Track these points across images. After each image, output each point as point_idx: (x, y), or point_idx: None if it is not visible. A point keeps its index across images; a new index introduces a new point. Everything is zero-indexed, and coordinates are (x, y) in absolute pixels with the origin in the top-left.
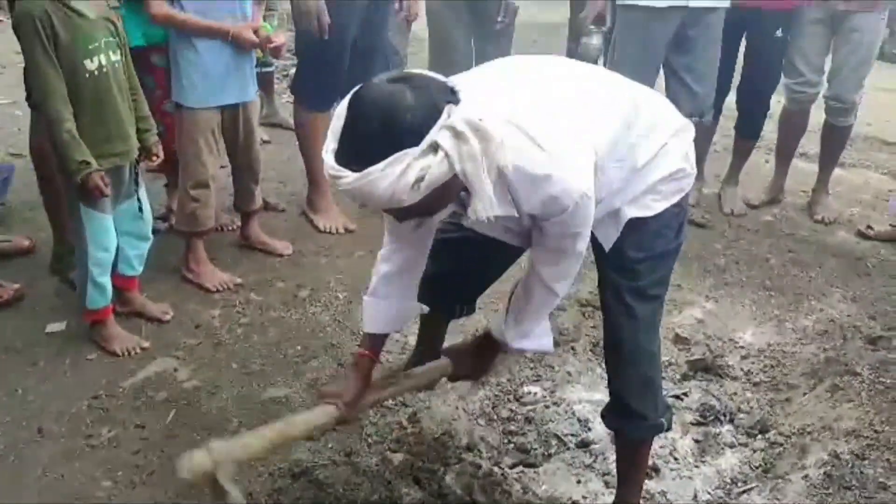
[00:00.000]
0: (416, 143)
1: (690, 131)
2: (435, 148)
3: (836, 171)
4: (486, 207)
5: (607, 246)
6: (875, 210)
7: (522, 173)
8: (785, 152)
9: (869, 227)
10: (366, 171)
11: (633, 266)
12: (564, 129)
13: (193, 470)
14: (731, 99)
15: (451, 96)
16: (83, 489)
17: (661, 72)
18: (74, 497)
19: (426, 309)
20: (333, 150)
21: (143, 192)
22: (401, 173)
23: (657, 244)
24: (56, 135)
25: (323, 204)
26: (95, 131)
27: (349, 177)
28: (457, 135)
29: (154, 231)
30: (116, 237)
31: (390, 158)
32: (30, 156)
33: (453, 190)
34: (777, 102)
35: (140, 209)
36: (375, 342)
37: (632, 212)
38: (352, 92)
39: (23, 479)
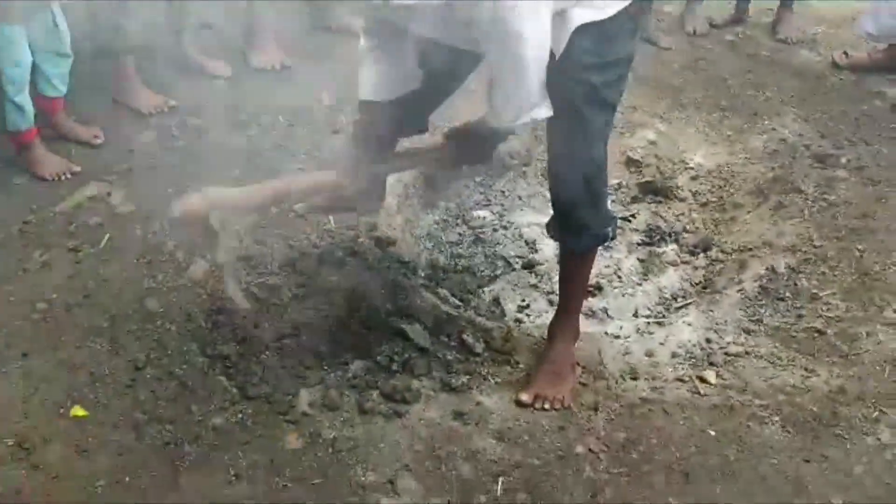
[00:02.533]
0: None
1: None
2: None
3: None
4: None
5: (557, 51)
6: (840, 28)
7: None
8: None
9: (844, 53)
10: None
11: (584, 74)
12: None
13: (186, 209)
14: None
15: None
16: (18, 311)
17: None
18: (9, 318)
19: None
20: None
21: (56, 5)
22: None
23: (610, 50)
24: None
25: (259, 38)
26: None
27: None
28: None
29: None
30: (31, 54)
31: None
32: None
33: None
34: None
35: (55, 23)
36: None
37: (582, 15)
38: None
39: None
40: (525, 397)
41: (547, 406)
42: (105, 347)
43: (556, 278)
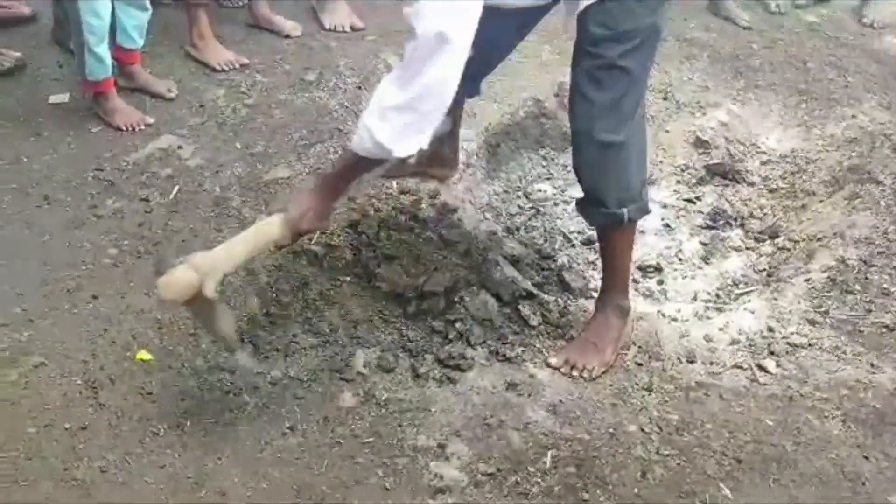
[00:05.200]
0: None
1: None
2: None
3: None
4: None
5: (570, 14)
6: None
7: None
8: None
9: None
10: None
11: (594, 45)
12: None
13: (179, 288)
14: None
15: None
16: (89, 255)
17: None
18: (80, 262)
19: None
20: None
21: None
22: None
23: (624, 21)
24: None
25: (331, 1)
26: None
27: None
28: None
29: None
30: (112, 5)
31: None
32: None
33: None
34: None
35: None
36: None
37: None
38: None
39: (29, 243)
40: (554, 360)
41: (574, 373)
42: None
43: None
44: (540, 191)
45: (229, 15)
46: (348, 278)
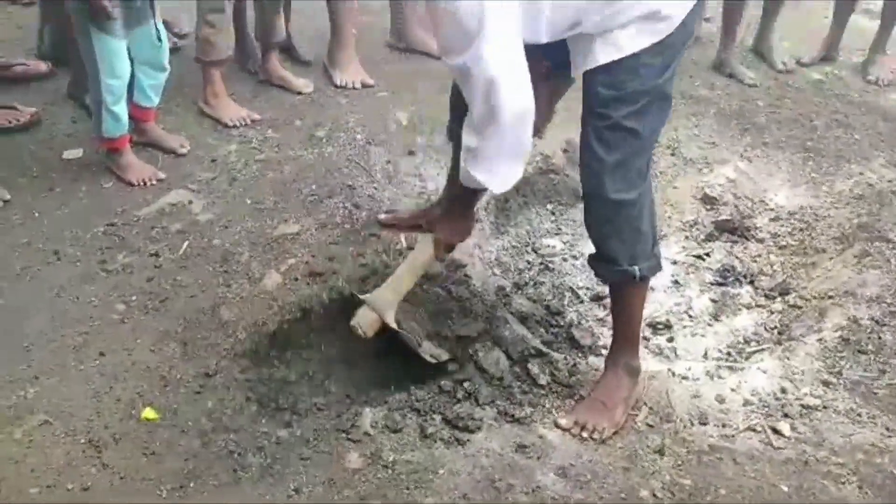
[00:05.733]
0: None
1: None
2: None
3: None
4: None
5: (575, 71)
6: None
7: None
8: (845, 7)
9: None
10: None
11: (601, 106)
12: None
13: (367, 326)
14: None
15: None
16: (97, 311)
17: None
18: (88, 317)
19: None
20: None
21: (159, 20)
22: None
23: (631, 82)
24: None
25: (343, 57)
26: None
27: None
28: None
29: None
30: (131, 65)
31: None
32: None
33: None
34: None
35: (158, 38)
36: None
37: (602, 55)
38: None
39: (39, 298)
40: (563, 421)
41: (584, 434)
42: (178, 353)
43: None
44: (548, 246)
45: (242, 72)
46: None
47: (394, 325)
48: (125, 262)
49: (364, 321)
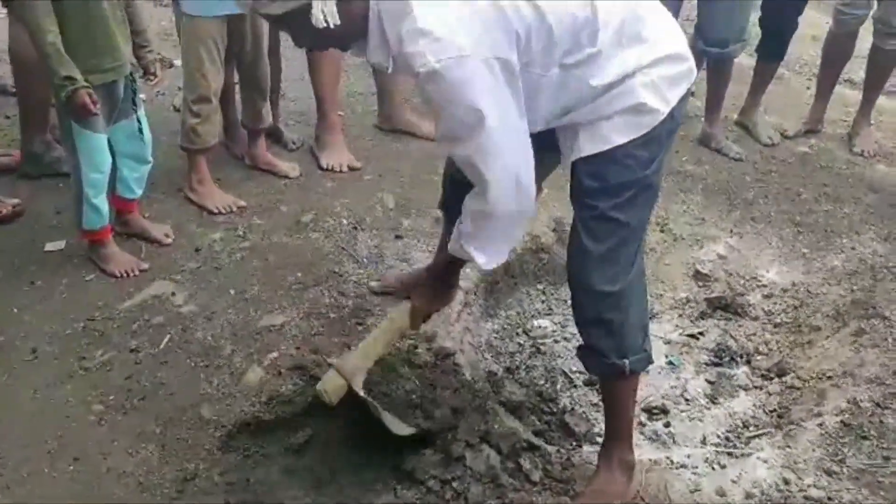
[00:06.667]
0: None
1: (680, 62)
2: None
3: (881, 101)
4: (371, 51)
5: (565, 161)
6: None
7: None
8: (827, 79)
9: None
10: None
11: (587, 196)
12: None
13: (332, 391)
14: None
15: None
16: (75, 412)
17: None
18: (65, 418)
19: None
20: None
21: (142, 113)
22: None
23: (616, 174)
24: (39, 47)
25: (330, 139)
26: (82, 44)
27: None
28: None
29: None
30: (113, 158)
31: None
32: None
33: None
34: (825, 24)
35: (140, 130)
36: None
37: (588, 146)
38: None
39: (15, 400)
40: None
41: None
42: (156, 455)
43: None
44: (539, 327)
45: (229, 157)
46: (337, 429)
47: (360, 392)
48: (104, 359)
49: (330, 386)
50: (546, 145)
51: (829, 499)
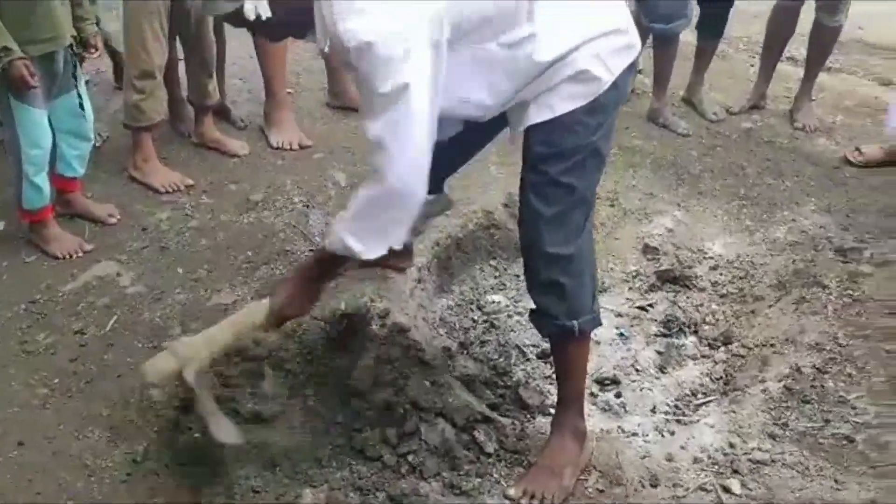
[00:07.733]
0: None
1: (623, 35)
2: None
3: (822, 77)
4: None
5: (512, 132)
6: (857, 118)
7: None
8: (770, 56)
9: (857, 150)
10: None
11: (538, 162)
12: None
13: (157, 374)
14: None
15: None
16: (17, 396)
17: None
18: (7, 403)
19: None
20: None
21: (83, 88)
22: None
23: (565, 139)
24: None
25: (279, 117)
26: (19, 14)
27: None
28: None
29: None
30: (53, 134)
31: None
32: None
33: None
34: (767, 4)
35: (81, 105)
36: None
37: (535, 115)
38: None
39: None
40: (512, 492)
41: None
42: (104, 438)
43: None
44: (493, 302)
45: (175, 135)
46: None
47: (191, 382)
48: (47, 342)
49: (154, 369)
50: (472, 125)
51: (773, 461)
